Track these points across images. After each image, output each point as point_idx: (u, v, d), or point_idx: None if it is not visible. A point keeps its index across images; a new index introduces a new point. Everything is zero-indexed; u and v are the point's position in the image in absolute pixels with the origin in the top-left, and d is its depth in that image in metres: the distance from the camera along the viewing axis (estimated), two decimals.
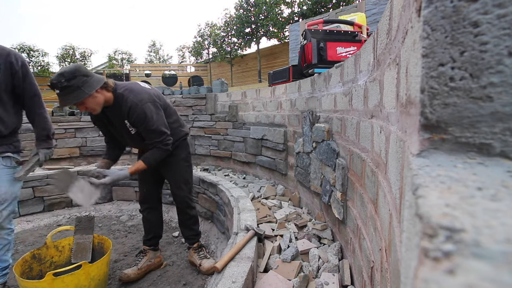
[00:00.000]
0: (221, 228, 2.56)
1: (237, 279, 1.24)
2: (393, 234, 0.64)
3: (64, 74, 1.49)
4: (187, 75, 13.54)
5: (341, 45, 2.41)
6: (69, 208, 3.41)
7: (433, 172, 0.31)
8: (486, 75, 0.33)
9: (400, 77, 0.60)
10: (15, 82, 1.64)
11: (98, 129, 4.49)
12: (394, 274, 0.60)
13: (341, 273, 1.44)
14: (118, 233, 2.75)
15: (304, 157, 2.23)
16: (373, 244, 0.98)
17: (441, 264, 0.20)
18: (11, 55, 1.62)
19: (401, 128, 0.57)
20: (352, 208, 1.37)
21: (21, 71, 1.65)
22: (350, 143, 1.38)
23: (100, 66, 17.42)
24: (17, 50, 11.72)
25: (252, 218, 1.89)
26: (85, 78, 1.55)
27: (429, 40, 0.35)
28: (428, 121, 0.36)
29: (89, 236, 1.98)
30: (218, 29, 14.61)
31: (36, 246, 2.50)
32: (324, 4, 10.16)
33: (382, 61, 0.87)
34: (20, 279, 1.51)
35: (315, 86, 2.09)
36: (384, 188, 0.80)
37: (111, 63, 16.82)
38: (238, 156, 3.58)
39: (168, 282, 1.98)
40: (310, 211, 2.25)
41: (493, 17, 0.32)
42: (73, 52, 12.98)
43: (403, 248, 0.35)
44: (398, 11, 0.64)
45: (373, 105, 0.99)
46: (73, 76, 1.50)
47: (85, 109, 1.62)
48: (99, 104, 1.63)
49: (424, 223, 0.23)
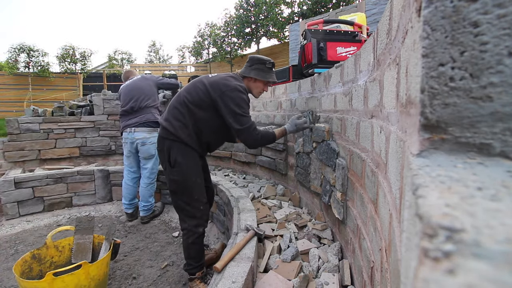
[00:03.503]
0: (221, 228, 2.56)
1: (237, 279, 1.23)
2: (393, 234, 0.64)
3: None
4: (187, 75, 13.54)
5: (341, 45, 2.40)
6: (69, 208, 3.41)
7: (433, 172, 0.31)
8: (486, 75, 0.33)
9: (400, 77, 0.60)
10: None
11: (98, 129, 4.52)
12: (394, 274, 0.60)
13: (341, 273, 1.44)
14: (118, 233, 2.75)
15: (304, 157, 2.23)
16: (373, 244, 0.98)
17: (441, 264, 0.20)
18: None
19: (401, 128, 0.57)
20: (352, 208, 1.37)
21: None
22: (350, 143, 1.38)
23: (100, 66, 17.42)
24: (17, 50, 11.73)
25: (252, 218, 1.89)
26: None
27: (429, 40, 0.35)
28: (428, 121, 0.36)
29: (89, 236, 1.98)
30: (218, 29, 14.60)
31: (36, 246, 2.50)
32: (324, 4, 10.16)
33: (382, 61, 0.87)
34: (20, 279, 1.51)
35: (315, 86, 2.09)
36: (384, 188, 0.80)
37: (111, 63, 16.79)
38: (238, 156, 3.58)
39: (168, 282, 1.98)
40: (310, 211, 2.24)
41: (493, 17, 0.32)
42: (73, 52, 12.96)
43: (403, 248, 0.35)
44: (398, 11, 0.64)
45: (373, 105, 0.99)
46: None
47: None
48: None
49: (424, 223, 0.23)
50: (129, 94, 2.88)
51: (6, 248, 2.53)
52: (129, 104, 2.85)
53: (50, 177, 3.32)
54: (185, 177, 1.73)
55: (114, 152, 4.65)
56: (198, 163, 1.80)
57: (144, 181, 2.94)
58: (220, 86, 1.71)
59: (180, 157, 1.72)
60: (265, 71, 1.87)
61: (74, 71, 12.97)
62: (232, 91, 1.69)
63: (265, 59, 1.87)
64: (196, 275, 1.82)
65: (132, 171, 2.99)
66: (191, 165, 1.75)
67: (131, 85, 2.93)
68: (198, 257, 1.82)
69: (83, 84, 12.84)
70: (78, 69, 13.06)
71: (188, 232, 1.77)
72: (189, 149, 1.74)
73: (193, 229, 1.76)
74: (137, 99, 2.84)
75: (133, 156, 2.93)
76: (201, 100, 1.72)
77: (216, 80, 1.74)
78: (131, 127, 2.82)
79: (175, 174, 1.73)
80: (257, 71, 1.86)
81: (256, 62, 1.86)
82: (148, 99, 2.88)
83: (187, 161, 1.74)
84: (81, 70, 13.04)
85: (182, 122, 1.73)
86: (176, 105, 1.77)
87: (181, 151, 1.73)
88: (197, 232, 1.77)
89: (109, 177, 3.55)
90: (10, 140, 4.05)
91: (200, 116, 1.73)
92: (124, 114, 2.90)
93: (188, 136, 1.73)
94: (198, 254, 1.82)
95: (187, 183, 1.74)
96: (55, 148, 4.30)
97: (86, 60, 13.24)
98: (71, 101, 5.12)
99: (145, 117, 2.83)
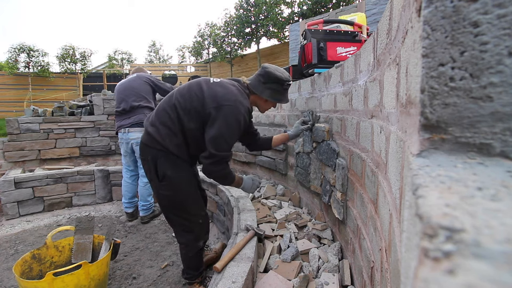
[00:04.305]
0: (221, 228, 2.56)
1: (237, 279, 1.24)
2: (393, 234, 0.64)
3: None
4: (187, 75, 13.54)
5: (341, 45, 2.40)
6: (69, 208, 3.41)
7: (433, 172, 0.31)
8: (486, 75, 0.33)
9: (400, 77, 0.60)
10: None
11: (98, 129, 4.53)
12: (394, 274, 0.60)
13: (341, 273, 1.44)
14: (118, 233, 2.75)
15: (304, 157, 2.23)
16: (373, 244, 0.98)
17: (441, 264, 0.20)
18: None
19: (401, 128, 0.57)
20: (352, 208, 1.37)
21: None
22: (350, 143, 1.38)
23: (100, 66, 17.42)
24: (17, 50, 11.72)
25: (252, 218, 1.89)
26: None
27: (429, 40, 0.35)
28: (428, 121, 0.36)
29: (89, 236, 1.98)
30: (218, 29, 14.59)
31: (36, 246, 2.50)
32: (324, 4, 10.15)
33: (382, 61, 0.87)
34: (20, 279, 1.51)
35: (315, 86, 2.09)
36: (384, 188, 0.80)
37: (111, 63, 16.79)
38: (238, 156, 3.58)
39: (168, 282, 1.98)
40: (310, 211, 2.24)
41: (493, 17, 0.32)
42: (73, 52, 12.96)
43: (403, 248, 0.35)
44: (398, 11, 0.64)
45: (373, 105, 0.99)
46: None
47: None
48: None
49: (424, 223, 0.23)
50: (122, 94, 2.86)
51: (6, 248, 2.53)
52: (122, 105, 2.83)
53: (50, 177, 3.32)
54: (177, 192, 1.53)
55: (114, 152, 4.65)
56: (190, 173, 1.59)
57: (142, 180, 2.94)
58: (218, 97, 1.43)
59: (169, 170, 1.50)
60: (281, 93, 1.60)
61: (74, 71, 12.97)
62: (230, 108, 1.42)
63: (283, 79, 1.56)
64: (195, 280, 1.78)
65: (129, 170, 2.99)
66: (183, 177, 1.54)
67: (125, 84, 2.90)
68: (198, 266, 1.74)
69: (83, 84, 12.84)
70: (78, 69, 13.06)
71: (187, 247, 1.64)
72: (179, 161, 1.52)
73: (192, 243, 1.63)
74: (129, 100, 2.81)
75: (129, 155, 2.93)
76: (193, 108, 1.45)
77: (216, 91, 1.46)
78: (125, 127, 2.81)
79: (164, 188, 1.52)
80: (272, 92, 1.58)
81: (272, 80, 1.55)
82: (141, 100, 2.82)
83: (178, 174, 1.52)
84: (81, 70, 13.04)
85: (170, 129, 1.48)
86: (166, 107, 1.52)
87: (170, 163, 1.50)
88: (197, 246, 1.65)
89: (109, 177, 3.55)
90: (10, 140, 4.05)
91: (188, 127, 1.47)
92: (118, 114, 2.90)
93: (176, 147, 1.49)
94: (198, 264, 1.74)
95: (180, 198, 1.54)
96: (55, 148, 4.30)
97: (86, 60, 13.24)
98: (71, 101, 5.12)
99: (137, 117, 2.79)
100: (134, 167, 3.00)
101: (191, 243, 1.64)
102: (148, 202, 2.95)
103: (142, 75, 2.97)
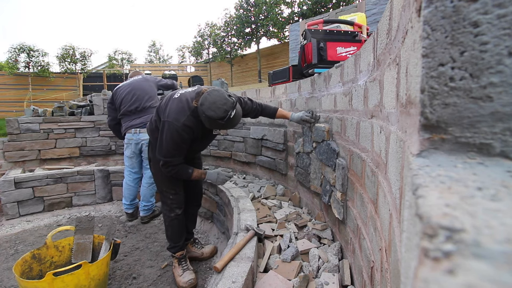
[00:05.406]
0: (221, 228, 2.56)
1: (237, 279, 1.24)
2: (393, 234, 0.64)
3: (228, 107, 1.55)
4: (187, 75, 13.54)
5: (341, 45, 2.40)
6: (69, 208, 3.41)
7: (433, 172, 0.31)
8: (486, 75, 0.33)
9: (400, 77, 0.60)
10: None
11: (98, 129, 4.53)
12: (394, 274, 0.60)
13: (341, 273, 1.44)
14: (118, 233, 2.75)
15: (304, 157, 2.23)
16: (373, 244, 0.98)
17: (441, 264, 0.20)
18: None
19: (401, 128, 0.57)
20: (352, 208, 1.37)
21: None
22: (350, 143, 1.38)
23: (100, 66, 17.42)
24: (17, 50, 11.73)
25: (252, 218, 1.89)
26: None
27: (429, 40, 0.35)
28: (428, 121, 0.36)
29: (89, 236, 1.98)
30: (218, 29, 14.60)
31: (36, 246, 2.50)
32: (324, 4, 10.16)
33: (382, 61, 0.87)
34: (20, 279, 1.51)
35: (315, 86, 2.09)
36: (384, 188, 0.80)
37: (111, 63, 16.78)
38: (238, 156, 3.58)
39: (168, 282, 1.98)
40: (310, 211, 2.24)
41: (493, 17, 0.32)
42: (73, 52, 12.96)
43: (403, 248, 0.35)
44: (398, 11, 0.64)
45: (373, 105, 0.99)
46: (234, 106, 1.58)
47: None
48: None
49: (424, 223, 0.23)
50: (132, 94, 2.84)
51: (6, 248, 2.53)
52: (134, 104, 2.81)
53: (50, 177, 3.32)
54: (155, 172, 1.96)
55: (114, 152, 4.65)
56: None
57: (146, 181, 2.93)
58: (166, 113, 1.68)
59: (151, 154, 1.95)
60: (220, 125, 1.61)
61: (74, 71, 12.97)
62: (168, 124, 1.65)
63: (215, 118, 1.53)
64: (176, 254, 2.00)
65: (133, 172, 2.97)
66: (157, 165, 1.86)
67: (133, 85, 2.89)
68: (174, 238, 2.01)
69: (83, 84, 12.84)
70: (78, 69, 13.06)
71: (164, 216, 2.02)
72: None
73: (166, 213, 1.98)
74: (142, 99, 2.82)
75: (136, 156, 2.91)
76: (159, 119, 1.78)
77: (169, 106, 1.69)
78: (136, 127, 2.79)
79: (151, 166, 2.02)
80: (209, 122, 1.59)
81: (204, 118, 1.58)
82: (151, 100, 2.88)
83: (154, 161, 1.93)
84: (81, 70, 13.04)
85: (154, 125, 1.85)
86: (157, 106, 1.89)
87: (151, 150, 1.94)
88: (169, 216, 1.97)
89: (109, 177, 3.55)
90: (10, 140, 4.05)
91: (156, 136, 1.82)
92: (127, 114, 2.84)
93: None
94: (174, 236, 2.00)
95: (156, 178, 1.99)
96: (55, 148, 4.29)
97: (86, 60, 13.24)
98: (71, 101, 5.12)
99: (148, 117, 2.77)
100: (139, 168, 2.99)
101: (166, 212, 1.98)
102: (150, 202, 2.95)
103: (147, 77, 3.04)
